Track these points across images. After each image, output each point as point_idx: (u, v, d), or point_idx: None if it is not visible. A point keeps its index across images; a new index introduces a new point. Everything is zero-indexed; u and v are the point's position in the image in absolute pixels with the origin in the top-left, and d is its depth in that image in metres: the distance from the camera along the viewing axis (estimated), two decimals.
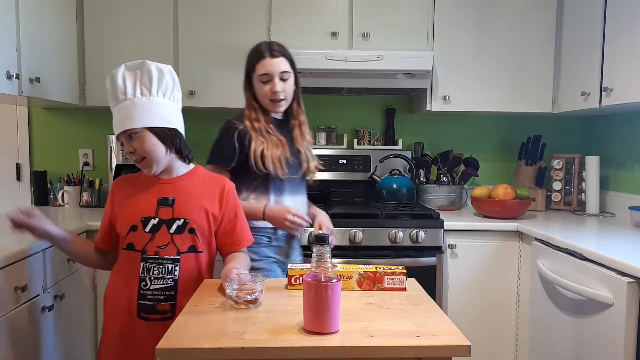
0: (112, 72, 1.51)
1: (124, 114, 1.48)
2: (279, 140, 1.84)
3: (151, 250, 1.49)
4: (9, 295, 1.62)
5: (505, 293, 2.43)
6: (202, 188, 1.58)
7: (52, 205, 2.83)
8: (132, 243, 1.50)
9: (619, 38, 2.22)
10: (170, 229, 1.50)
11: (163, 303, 1.48)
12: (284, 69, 1.82)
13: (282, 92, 1.82)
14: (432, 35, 2.65)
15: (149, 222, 1.49)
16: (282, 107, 1.88)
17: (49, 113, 2.92)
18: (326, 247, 1.15)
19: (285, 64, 1.83)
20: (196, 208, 1.53)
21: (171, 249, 1.49)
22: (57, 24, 2.38)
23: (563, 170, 2.80)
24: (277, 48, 1.84)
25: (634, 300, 1.59)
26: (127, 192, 1.56)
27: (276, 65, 1.81)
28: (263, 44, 1.86)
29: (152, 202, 1.52)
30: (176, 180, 1.56)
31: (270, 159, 1.79)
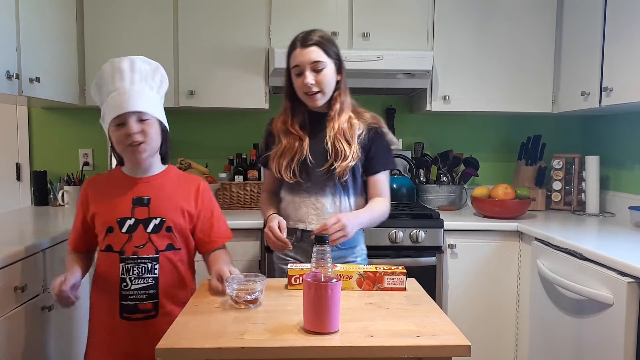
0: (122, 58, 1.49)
1: (134, 96, 1.45)
2: (295, 141, 1.73)
3: (129, 250, 1.48)
4: (8, 295, 1.62)
5: (505, 293, 2.43)
6: (177, 186, 1.58)
7: (52, 205, 2.82)
8: (110, 244, 1.49)
9: (619, 38, 2.22)
10: (147, 228, 1.49)
11: (145, 302, 1.49)
12: (316, 58, 1.66)
13: (315, 84, 1.67)
14: (432, 35, 2.65)
15: (125, 223, 1.49)
16: (319, 101, 1.71)
17: (48, 113, 2.92)
18: (326, 247, 1.15)
19: (318, 53, 1.67)
20: (172, 206, 1.53)
21: (149, 248, 1.49)
22: (57, 23, 2.38)
23: (563, 170, 2.80)
24: (311, 37, 1.68)
25: (634, 300, 1.59)
26: (100, 192, 1.55)
27: (306, 56, 1.66)
28: (301, 33, 1.71)
29: (127, 202, 1.51)
30: (151, 179, 1.56)
31: (276, 163, 1.73)
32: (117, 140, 1.47)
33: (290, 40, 1.72)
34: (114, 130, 1.47)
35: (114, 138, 1.48)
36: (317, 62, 1.67)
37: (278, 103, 2.93)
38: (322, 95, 1.70)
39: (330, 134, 1.70)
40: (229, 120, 2.99)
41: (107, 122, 1.48)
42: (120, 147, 1.49)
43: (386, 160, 1.78)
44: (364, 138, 1.74)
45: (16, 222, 2.34)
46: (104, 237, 1.50)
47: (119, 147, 1.50)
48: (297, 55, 1.68)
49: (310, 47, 1.67)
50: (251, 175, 2.78)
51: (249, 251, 2.36)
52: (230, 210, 2.68)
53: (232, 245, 2.33)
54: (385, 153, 1.78)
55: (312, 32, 1.70)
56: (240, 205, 2.73)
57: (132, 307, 1.48)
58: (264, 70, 2.62)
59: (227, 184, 2.73)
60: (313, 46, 1.67)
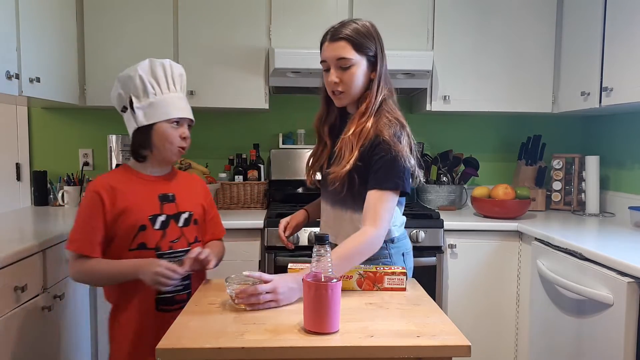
0: (175, 64, 1.59)
1: (188, 104, 1.60)
2: (320, 144, 1.64)
3: (165, 246, 1.54)
4: (8, 295, 1.62)
5: (505, 293, 2.43)
6: (189, 183, 1.70)
7: (52, 205, 2.83)
8: (144, 242, 1.52)
9: (619, 38, 2.22)
10: (179, 222, 1.58)
11: (182, 293, 1.56)
12: (342, 55, 1.47)
13: (338, 83, 1.50)
14: (432, 35, 2.65)
15: (157, 220, 1.55)
16: (342, 101, 1.54)
17: (48, 113, 2.92)
18: (326, 247, 1.15)
19: (346, 49, 1.47)
20: (194, 201, 1.65)
21: (183, 241, 1.58)
22: (57, 24, 2.38)
23: (563, 170, 2.80)
24: (342, 30, 1.48)
25: (633, 300, 1.59)
26: (121, 192, 1.54)
27: (333, 51, 1.48)
28: (337, 23, 1.52)
29: (154, 199, 1.56)
30: (168, 177, 1.64)
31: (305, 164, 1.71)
32: (170, 138, 1.53)
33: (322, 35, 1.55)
34: (169, 128, 1.53)
35: (166, 134, 1.53)
36: (343, 59, 1.47)
37: (278, 103, 2.97)
38: (345, 95, 1.52)
39: (343, 137, 1.50)
40: (229, 120, 2.99)
41: (159, 117, 1.52)
42: (169, 144, 1.54)
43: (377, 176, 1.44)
44: (366, 146, 1.47)
45: (16, 222, 2.34)
46: (134, 236, 1.52)
47: (167, 144, 1.54)
48: (324, 49, 1.51)
49: (338, 42, 1.48)
50: (251, 175, 2.78)
51: (249, 251, 2.36)
52: (231, 210, 2.68)
53: (232, 245, 2.34)
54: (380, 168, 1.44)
55: (347, 23, 1.50)
56: (240, 205, 2.73)
57: (170, 299, 1.54)
58: (264, 70, 2.62)
59: (227, 184, 2.73)
60: (341, 41, 1.47)
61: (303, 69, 2.50)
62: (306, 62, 2.46)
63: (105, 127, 2.90)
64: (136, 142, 1.55)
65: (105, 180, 1.56)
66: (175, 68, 1.58)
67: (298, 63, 2.47)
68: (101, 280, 1.57)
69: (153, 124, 1.52)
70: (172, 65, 1.58)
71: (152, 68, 1.54)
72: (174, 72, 1.57)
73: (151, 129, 1.53)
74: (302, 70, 2.52)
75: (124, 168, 1.62)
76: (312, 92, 2.88)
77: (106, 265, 1.51)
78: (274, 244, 2.32)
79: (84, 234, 1.51)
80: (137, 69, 1.53)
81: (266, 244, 2.34)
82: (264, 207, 2.75)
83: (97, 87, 2.57)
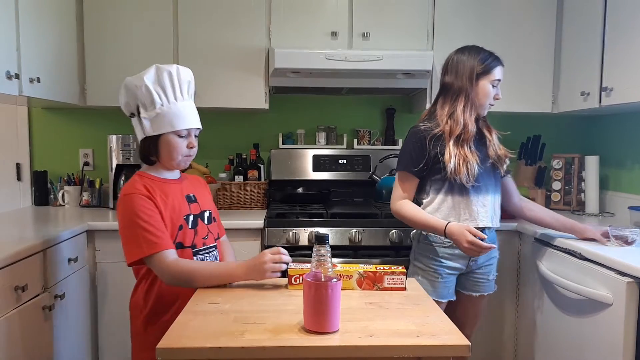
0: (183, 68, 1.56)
1: (195, 111, 1.59)
2: (470, 148, 1.93)
3: (199, 243, 1.59)
4: (9, 295, 1.62)
5: (505, 292, 2.43)
6: (197, 183, 1.74)
7: (53, 205, 2.83)
8: (181, 241, 1.54)
9: (619, 38, 2.22)
10: (204, 220, 1.64)
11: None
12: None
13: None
14: (432, 35, 2.66)
15: (189, 219, 1.58)
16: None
17: (49, 113, 2.92)
18: (326, 247, 1.15)
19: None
20: (207, 199, 1.71)
21: (211, 237, 1.64)
22: (57, 24, 2.38)
23: (563, 170, 2.80)
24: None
25: (633, 299, 1.60)
26: (160, 195, 1.53)
27: (503, 74, 2.01)
28: (493, 54, 2.01)
29: (182, 200, 1.59)
30: (180, 179, 1.66)
31: (458, 167, 1.88)
32: (177, 148, 1.53)
33: (482, 51, 2.01)
34: (176, 138, 1.53)
35: (172, 144, 1.53)
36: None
37: (278, 103, 2.97)
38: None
39: (494, 141, 2.00)
40: (229, 120, 3.00)
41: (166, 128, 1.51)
42: (175, 154, 1.54)
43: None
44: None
45: (17, 222, 2.35)
46: (175, 236, 1.53)
47: (174, 153, 1.54)
48: (501, 72, 1.98)
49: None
50: (251, 175, 2.78)
51: (249, 251, 2.36)
52: (231, 210, 2.68)
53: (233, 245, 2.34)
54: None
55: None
56: (240, 205, 2.73)
57: None
58: (264, 71, 2.62)
59: (227, 184, 2.73)
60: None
61: (303, 69, 2.50)
62: (306, 62, 2.46)
63: (105, 127, 2.90)
64: (144, 150, 1.55)
65: (138, 185, 1.51)
66: (183, 74, 1.55)
67: (298, 63, 2.47)
68: (200, 282, 1.45)
69: (160, 134, 1.52)
70: (180, 71, 1.54)
71: (158, 76, 1.51)
72: (181, 78, 1.54)
73: (158, 138, 1.52)
74: (302, 71, 2.52)
75: (140, 176, 1.56)
76: (313, 92, 2.93)
77: (209, 267, 1.50)
78: (274, 244, 2.32)
79: (160, 231, 1.46)
80: (144, 78, 1.50)
81: (266, 243, 2.34)
82: (264, 207, 2.75)
83: (97, 87, 2.58)
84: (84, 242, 2.24)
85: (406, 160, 1.94)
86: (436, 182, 1.93)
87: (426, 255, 1.96)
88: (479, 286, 2.01)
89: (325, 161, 2.91)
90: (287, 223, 2.37)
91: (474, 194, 1.91)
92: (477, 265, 1.98)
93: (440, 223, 1.86)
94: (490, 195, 1.96)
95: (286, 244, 2.33)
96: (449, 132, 1.89)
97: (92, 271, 2.29)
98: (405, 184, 1.95)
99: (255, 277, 1.43)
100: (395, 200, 1.97)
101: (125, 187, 1.52)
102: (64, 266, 2.02)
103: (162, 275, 1.45)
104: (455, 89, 1.94)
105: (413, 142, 1.92)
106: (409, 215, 1.92)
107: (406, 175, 1.94)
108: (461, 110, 1.91)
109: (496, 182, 1.99)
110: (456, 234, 1.82)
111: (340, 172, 2.92)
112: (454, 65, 1.97)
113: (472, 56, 1.96)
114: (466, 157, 1.87)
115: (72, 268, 2.09)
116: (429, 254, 1.95)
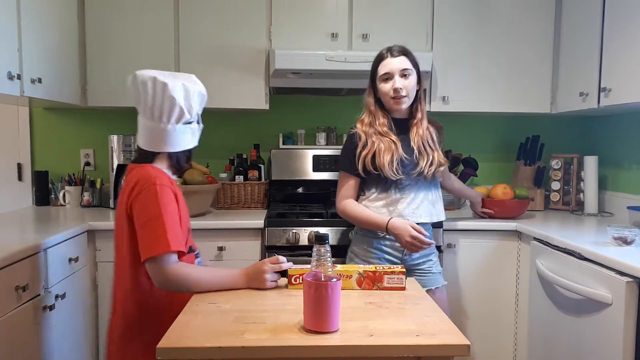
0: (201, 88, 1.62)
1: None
2: (392, 141, 1.92)
3: (195, 247, 1.59)
4: (10, 295, 1.63)
5: (504, 293, 2.44)
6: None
7: (54, 205, 2.83)
8: (191, 245, 1.55)
9: (618, 38, 2.23)
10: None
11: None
12: (405, 66, 1.91)
13: (402, 88, 1.90)
14: (431, 36, 2.66)
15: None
16: (404, 104, 1.94)
17: (50, 113, 2.93)
18: (326, 247, 1.15)
19: (405, 61, 1.92)
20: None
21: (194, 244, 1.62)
22: (58, 24, 2.39)
23: (562, 170, 2.81)
24: (397, 48, 1.94)
25: (632, 299, 1.60)
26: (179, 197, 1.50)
27: (397, 64, 1.91)
28: (384, 48, 1.96)
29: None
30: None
31: (380, 161, 1.89)
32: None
33: (375, 56, 1.97)
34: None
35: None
36: (405, 69, 1.91)
37: (278, 104, 2.98)
38: (407, 99, 1.93)
39: (415, 138, 1.94)
40: (229, 121, 3.00)
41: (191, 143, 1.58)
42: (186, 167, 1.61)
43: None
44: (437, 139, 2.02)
45: (17, 222, 2.35)
46: (186, 239, 1.49)
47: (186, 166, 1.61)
48: (387, 64, 1.92)
49: (399, 57, 1.92)
50: (252, 176, 2.79)
51: (249, 251, 2.37)
52: (231, 210, 2.69)
53: (233, 244, 2.36)
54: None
55: (394, 45, 1.95)
56: (240, 205, 2.74)
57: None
58: (264, 71, 2.63)
59: (227, 184, 2.73)
60: (401, 55, 1.92)
61: (303, 70, 2.50)
62: (306, 63, 2.47)
63: (106, 127, 2.91)
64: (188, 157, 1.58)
65: (165, 177, 1.45)
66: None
67: (298, 64, 2.48)
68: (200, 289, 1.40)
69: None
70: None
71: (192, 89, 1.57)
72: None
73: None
74: (302, 71, 2.52)
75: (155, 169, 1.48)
76: (313, 92, 2.93)
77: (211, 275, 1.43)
78: (274, 244, 2.33)
79: (177, 229, 1.40)
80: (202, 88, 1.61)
81: (266, 243, 2.35)
82: (265, 207, 2.75)
83: (99, 87, 2.58)
84: (85, 242, 2.24)
85: (342, 160, 2.02)
86: (371, 181, 1.97)
87: (361, 246, 2.00)
88: (425, 281, 1.97)
89: (325, 161, 2.91)
90: (287, 223, 2.38)
91: (406, 191, 1.95)
92: (412, 259, 1.99)
93: (382, 219, 1.90)
94: (423, 191, 1.98)
95: (286, 244, 2.33)
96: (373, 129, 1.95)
97: (93, 271, 2.30)
98: (343, 183, 2.02)
99: (256, 285, 1.43)
100: (338, 201, 2.03)
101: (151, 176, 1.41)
102: (65, 266, 2.02)
103: (160, 278, 1.37)
104: (369, 84, 2.02)
105: (347, 143, 2.00)
106: (352, 213, 1.97)
107: (343, 174, 2.02)
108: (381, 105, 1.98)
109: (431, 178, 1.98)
110: (399, 228, 1.86)
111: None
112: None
113: (372, 62, 2.00)
114: (391, 156, 1.91)
115: (73, 268, 2.09)
116: (364, 245, 1.99)
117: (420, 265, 2.01)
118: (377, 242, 1.97)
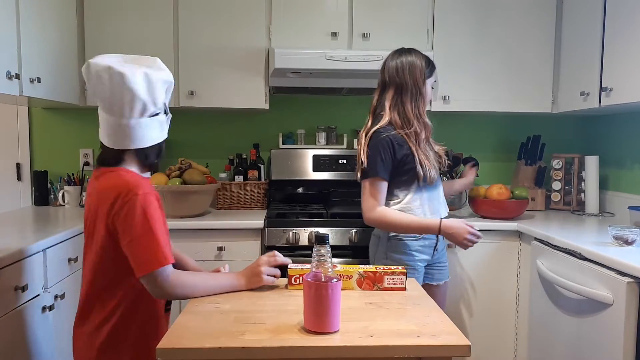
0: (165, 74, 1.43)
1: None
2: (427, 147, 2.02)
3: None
4: (9, 295, 1.62)
5: (505, 293, 2.44)
6: None
7: (53, 205, 2.83)
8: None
9: (619, 38, 2.22)
10: None
11: None
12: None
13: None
14: (432, 35, 2.66)
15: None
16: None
17: (49, 113, 2.92)
18: (326, 247, 1.15)
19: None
20: None
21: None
22: (57, 24, 2.38)
23: (562, 170, 2.80)
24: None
25: (633, 299, 1.60)
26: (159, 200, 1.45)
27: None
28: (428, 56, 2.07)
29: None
30: None
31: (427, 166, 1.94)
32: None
33: (423, 57, 2.03)
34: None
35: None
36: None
37: (278, 103, 2.97)
38: None
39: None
40: (229, 120, 3.00)
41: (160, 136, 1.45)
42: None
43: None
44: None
45: (17, 222, 2.35)
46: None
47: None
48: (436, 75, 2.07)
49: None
50: (251, 175, 2.78)
51: (248, 251, 2.37)
52: (231, 210, 2.68)
53: (233, 245, 2.35)
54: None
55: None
56: (240, 205, 2.73)
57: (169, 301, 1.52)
58: (264, 71, 2.62)
59: (227, 184, 2.73)
60: None
61: (303, 69, 2.50)
62: (306, 63, 2.46)
63: None
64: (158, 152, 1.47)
65: (147, 184, 1.38)
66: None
67: (298, 63, 2.47)
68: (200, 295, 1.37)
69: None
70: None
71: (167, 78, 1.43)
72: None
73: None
74: (302, 71, 2.52)
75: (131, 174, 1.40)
76: (313, 92, 2.93)
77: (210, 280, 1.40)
78: (274, 244, 2.33)
79: (166, 239, 1.35)
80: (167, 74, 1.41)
81: (266, 243, 2.35)
82: (264, 207, 2.75)
83: None
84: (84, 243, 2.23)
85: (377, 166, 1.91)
86: (403, 183, 1.95)
87: (399, 251, 1.97)
88: (442, 273, 2.08)
89: (325, 161, 2.91)
90: (287, 223, 2.38)
91: (433, 188, 1.99)
92: (438, 254, 2.05)
93: (433, 222, 1.91)
94: (440, 186, 2.06)
95: (286, 244, 2.33)
96: (416, 132, 1.94)
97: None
98: (377, 190, 1.93)
99: (255, 283, 1.42)
100: (371, 210, 1.94)
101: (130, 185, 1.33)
102: (64, 266, 2.02)
103: (160, 290, 1.33)
104: (412, 89, 1.97)
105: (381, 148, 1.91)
106: (396, 221, 1.92)
107: (377, 181, 1.92)
108: (422, 110, 1.99)
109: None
110: (454, 227, 1.88)
111: (340, 172, 2.92)
112: (404, 66, 1.99)
113: (419, 57, 2.02)
114: (428, 155, 1.95)
115: (72, 268, 2.08)
116: (402, 249, 1.97)
117: (440, 258, 2.07)
118: (416, 243, 1.97)
